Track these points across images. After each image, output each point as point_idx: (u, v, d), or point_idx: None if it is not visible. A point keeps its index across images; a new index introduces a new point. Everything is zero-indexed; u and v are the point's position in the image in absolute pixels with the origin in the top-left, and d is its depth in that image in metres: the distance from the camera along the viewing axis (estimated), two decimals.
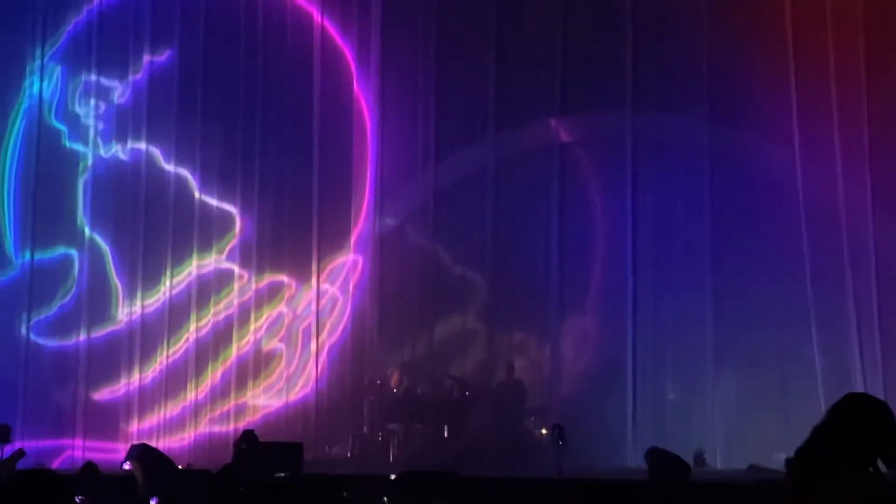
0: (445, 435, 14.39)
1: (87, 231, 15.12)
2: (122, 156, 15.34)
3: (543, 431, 13.87)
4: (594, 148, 14.98)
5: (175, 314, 14.96)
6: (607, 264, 14.62)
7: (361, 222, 15.10)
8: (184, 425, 14.69)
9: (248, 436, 11.36)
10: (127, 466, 11.62)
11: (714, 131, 14.32)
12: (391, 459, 14.12)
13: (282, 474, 10.99)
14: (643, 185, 14.48)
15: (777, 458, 13.04)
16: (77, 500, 9.40)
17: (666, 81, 14.47)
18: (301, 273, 15.09)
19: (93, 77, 15.38)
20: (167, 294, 14.99)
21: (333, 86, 15.26)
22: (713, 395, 13.88)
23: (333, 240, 15.08)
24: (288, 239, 15.10)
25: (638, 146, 14.47)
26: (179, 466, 12.29)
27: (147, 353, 14.90)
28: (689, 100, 14.44)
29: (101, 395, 14.83)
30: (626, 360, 14.13)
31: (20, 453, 11.58)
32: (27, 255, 14.99)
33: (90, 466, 10.58)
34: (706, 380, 14.03)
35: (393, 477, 10.89)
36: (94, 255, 15.09)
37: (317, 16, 15.33)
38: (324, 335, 14.98)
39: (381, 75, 15.10)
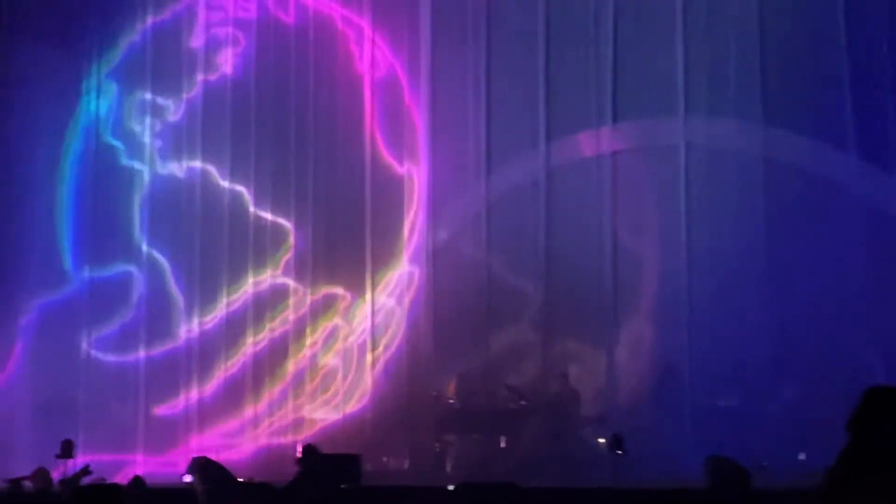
0: (502, 445, 14.37)
1: (144, 248, 15.31)
2: (178, 173, 15.52)
3: (601, 440, 13.80)
4: (646, 154, 14.91)
5: (232, 329, 15.10)
6: (662, 271, 14.54)
7: (415, 234, 15.15)
8: (242, 439, 14.80)
9: (310, 449, 11.43)
10: (187, 479, 11.73)
11: (768, 135, 14.21)
12: (448, 471, 14.13)
13: (343, 486, 11.05)
14: (697, 191, 14.39)
15: None
16: None
17: (718, 85, 14.39)
18: (356, 286, 15.17)
19: (148, 95, 15.58)
20: (224, 309, 15.13)
21: (384, 98, 15.34)
22: (772, 401, 13.74)
23: (387, 252, 15.15)
24: (342, 252, 15.19)
25: (691, 151, 14.39)
26: (239, 479, 12.37)
27: (205, 368, 15.05)
28: (741, 103, 14.34)
29: (161, 409, 14.99)
30: (684, 366, 14.04)
31: (86, 471, 11.72)
32: (85, 272, 15.20)
33: (137, 481, 10.69)
34: (765, 386, 13.92)
35: (451, 488, 10.89)
36: (153, 271, 15.27)
37: (367, 29, 15.43)
38: (379, 348, 15.04)
39: (432, 86, 15.15)
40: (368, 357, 14.96)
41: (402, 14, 15.36)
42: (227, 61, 15.59)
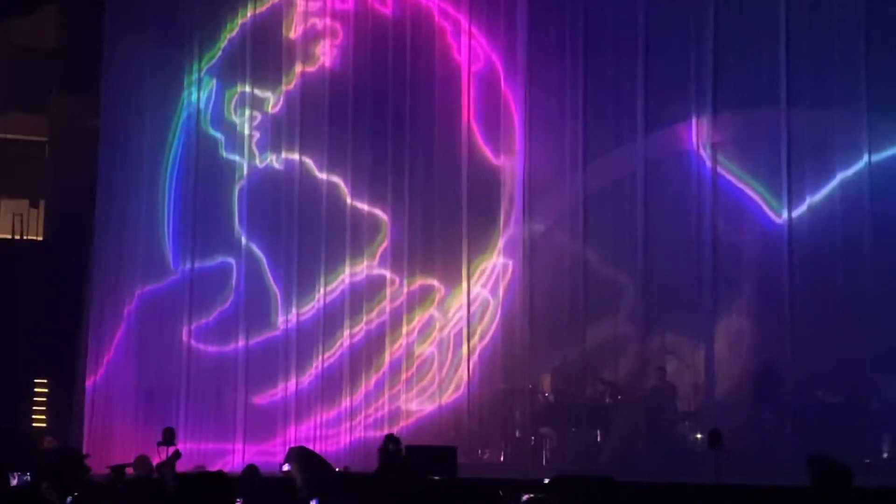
0: (598, 439, 14.30)
1: (243, 240, 15.50)
2: (277, 165, 15.67)
3: (698, 436, 13.65)
4: (746, 147, 14.69)
5: (329, 320, 15.22)
6: (763, 265, 14.31)
7: (511, 226, 15.12)
8: (339, 429, 14.92)
9: (393, 438, 11.49)
10: (286, 468, 11.87)
11: (872, 128, 13.90)
12: (544, 463, 14.09)
13: (436, 477, 11.08)
14: (798, 184, 14.14)
15: None
16: (238, 502, 9.62)
17: (820, 76, 14.10)
18: (451, 277, 15.19)
19: (247, 88, 15.76)
20: (322, 300, 15.26)
21: (481, 90, 15.32)
22: (876, 399, 13.47)
23: (483, 243, 15.14)
24: (438, 243, 15.21)
25: (793, 143, 14.14)
26: (337, 469, 12.49)
27: (303, 359, 15.19)
28: (844, 95, 14.04)
29: (260, 399, 15.16)
30: (784, 362, 13.81)
31: (177, 454, 11.93)
32: (187, 263, 15.43)
33: (252, 469, 10.81)
34: (868, 384, 13.64)
35: (547, 481, 10.86)
36: (251, 263, 15.46)
37: (464, 21, 15.42)
38: (475, 339, 15.04)
39: (529, 78, 15.10)
40: (464, 348, 14.96)
41: (499, 6, 15.31)
42: (325, 53, 15.70)
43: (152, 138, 15.70)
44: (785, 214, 14.10)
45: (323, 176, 15.53)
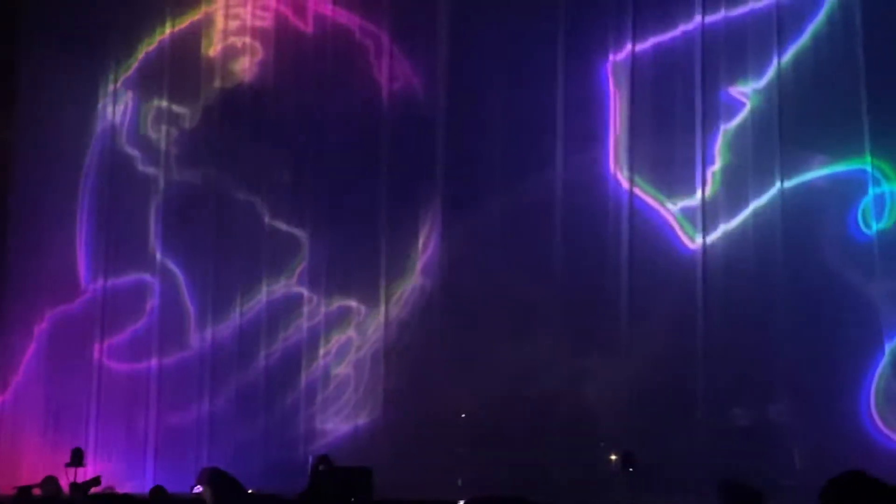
0: (513, 461, 14.29)
1: (158, 256, 15.30)
2: (194, 181, 15.51)
3: (613, 458, 13.73)
4: (663, 171, 14.84)
5: (246, 338, 15.07)
6: (677, 289, 14.46)
7: (430, 247, 15.11)
8: (254, 450, 14.75)
9: (324, 459, 11.39)
10: (197, 490, 11.69)
11: (784, 155, 14.18)
12: (460, 485, 14.05)
13: (354, 499, 11.01)
14: (713, 210, 14.36)
15: None
16: None
17: (734, 105, 14.37)
18: (369, 297, 15.13)
19: (164, 103, 15.58)
20: (238, 319, 15.11)
21: (401, 110, 15.32)
22: (788, 420, 13.68)
23: (402, 265, 15.10)
24: (356, 264, 15.15)
25: (708, 168, 14.34)
26: (249, 491, 12.33)
27: (218, 378, 15.01)
28: (759, 120, 14.28)
29: (173, 419, 14.95)
30: (697, 384, 13.95)
31: (96, 481, 11.69)
32: (100, 280, 15.20)
33: (159, 490, 10.65)
34: (779, 405, 13.84)
35: (462, 503, 10.83)
36: (167, 280, 15.26)
37: (385, 40, 15.41)
38: (392, 360, 14.98)
39: (449, 99, 15.13)
40: (381, 369, 14.89)
41: (421, 27, 15.32)
42: (244, 70, 15.60)
43: (67, 152, 15.47)
44: (699, 239, 14.27)
45: (241, 194, 15.40)
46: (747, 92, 14.28)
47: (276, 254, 15.26)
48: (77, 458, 12.64)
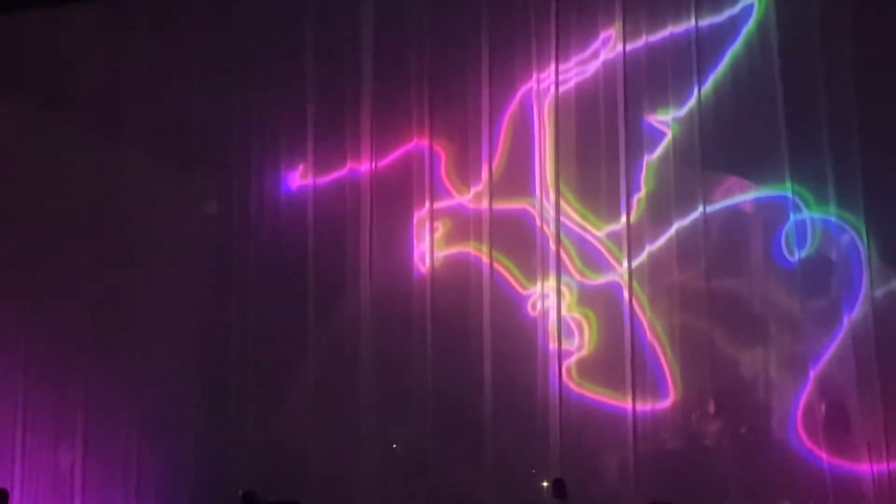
0: (445, 488, 14.29)
1: None
2: None
3: (545, 485, 13.77)
4: (588, 195, 14.95)
5: None
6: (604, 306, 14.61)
7: None
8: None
9: (253, 495, 11.30)
10: None
11: (707, 180, 14.37)
12: None
13: None
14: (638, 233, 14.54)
15: None
16: None
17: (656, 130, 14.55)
18: None
19: None
20: None
21: None
22: (720, 444, 13.85)
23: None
24: None
25: (633, 193, 14.50)
26: None
27: None
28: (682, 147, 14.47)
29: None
30: (625, 408, 14.07)
31: None
32: None
33: None
34: (708, 427, 14.00)
35: None
36: None
37: None
38: None
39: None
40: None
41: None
42: None
43: None
44: (625, 263, 14.41)
45: None
46: (667, 121, 14.47)
47: None
48: (2, 500, 12.39)
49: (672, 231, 14.36)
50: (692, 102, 14.29)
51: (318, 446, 14.80)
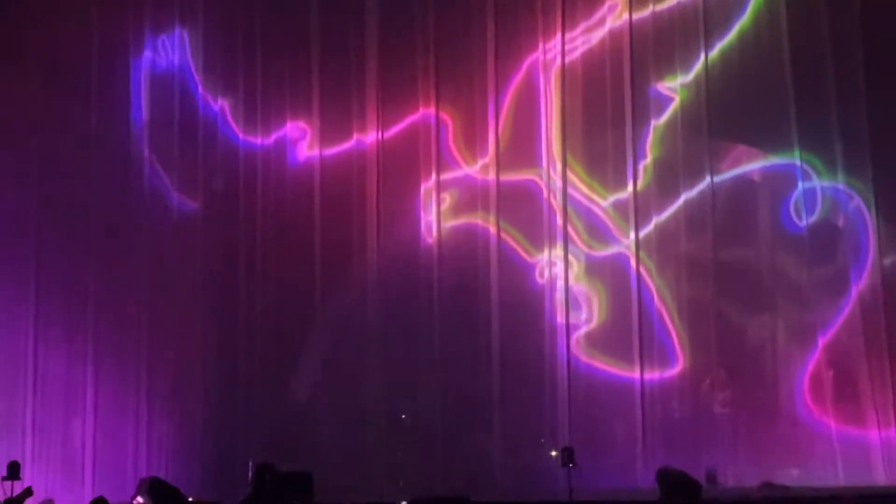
0: (455, 460, 14.31)
1: None
2: None
3: (553, 454, 13.81)
4: (594, 164, 14.94)
5: None
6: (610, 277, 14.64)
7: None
8: (191, 457, 14.65)
9: (264, 468, 11.29)
10: (138, 501, 11.59)
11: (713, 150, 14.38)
12: (400, 486, 14.05)
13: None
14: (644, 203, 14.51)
15: (790, 474, 13.08)
16: None
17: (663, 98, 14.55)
18: None
19: None
20: None
21: None
22: (724, 411, 13.87)
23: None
24: None
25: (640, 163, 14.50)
26: (189, 499, 12.25)
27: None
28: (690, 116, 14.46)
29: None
30: (634, 379, 14.09)
31: (28, 492, 11.50)
32: None
33: (100, 502, 10.52)
34: (714, 397, 14.01)
35: None
36: None
37: None
38: None
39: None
40: None
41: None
42: None
43: None
44: (632, 234, 14.40)
45: None
46: (675, 87, 14.45)
47: None
48: (13, 472, 12.43)
49: (680, 200, 14.36)
50: (699, 68, 14.29)
51: (328, 417, 14.83)
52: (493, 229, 14.77)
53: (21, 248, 14.60)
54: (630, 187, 14.40)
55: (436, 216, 14.97)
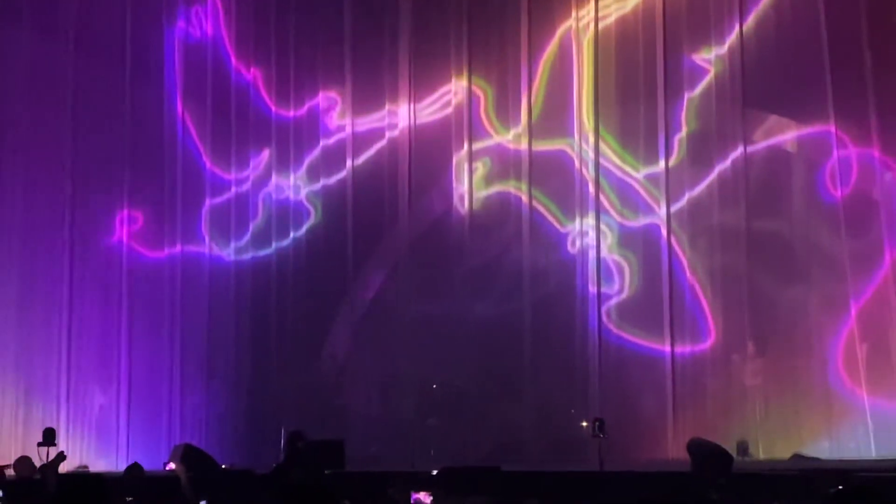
0: (486, 430, 14.37)
1: None
2: None
3: (584, 424, 13.83)
4: (628, 137, 14.90)
5: None
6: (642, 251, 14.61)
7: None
8: (226, 425, 14.78)
9: (301, 435, 11.37)
10: (171, 467, 11.71)
11: (747, 119, 14.27)
12: (432, 454, 14.12)
13: (328, 471, 11.06)
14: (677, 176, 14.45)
15: (821, 447, 13.04)
16: (127, 500, 9.49)
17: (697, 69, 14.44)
18: None
19: None
20: None
21: None
22: (756, 383, 13.83)
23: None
24: None
25: (671, 135, 14.43)
26: (223, 466, 12.37)
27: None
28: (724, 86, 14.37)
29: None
30: (664, 351, 14.08)
31: (61, 456, 11.63)
32: None
33: (135, 468, 10.65)
34: (745, 369, 13.98)
35: (435, 472, 10.91)
36: None
37: None
38: None
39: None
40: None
41: None
42: None
43: None
44: (664, 206, 14.36)
45: None
46: (710, 58, 14.35)
47: None
48: (49, 438, 12.56)
49: (714, 172, 14.29)
50: (733, 39, 14.17)
51: (360, 386, 14.93)
52: (525, 198, 14.79)
53: (56, 215, 14.72)
54: (662, 162, 14.35)
55: (468, 185, 14.99)
